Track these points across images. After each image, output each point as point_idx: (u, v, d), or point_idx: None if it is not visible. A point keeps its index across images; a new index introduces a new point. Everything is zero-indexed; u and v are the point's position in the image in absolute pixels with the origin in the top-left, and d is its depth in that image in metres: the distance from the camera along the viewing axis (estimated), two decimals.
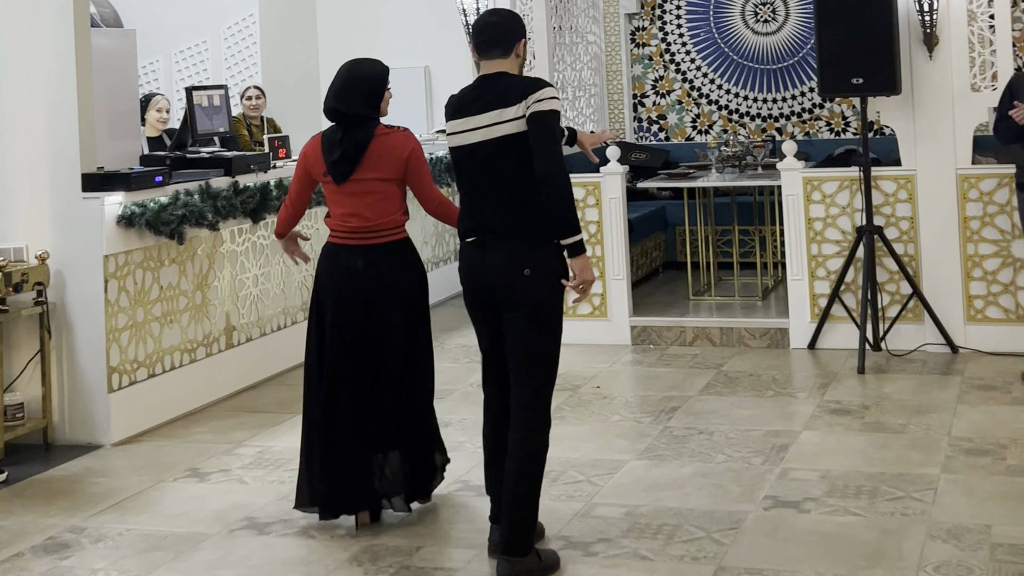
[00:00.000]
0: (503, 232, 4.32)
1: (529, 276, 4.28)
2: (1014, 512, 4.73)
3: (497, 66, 4.40)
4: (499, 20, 4.47)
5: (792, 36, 10.34)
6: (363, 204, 4.85)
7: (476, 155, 4.36)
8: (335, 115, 4.86)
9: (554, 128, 4.27)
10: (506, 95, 4.29)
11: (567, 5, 9.52)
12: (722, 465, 5.46)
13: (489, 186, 4.34)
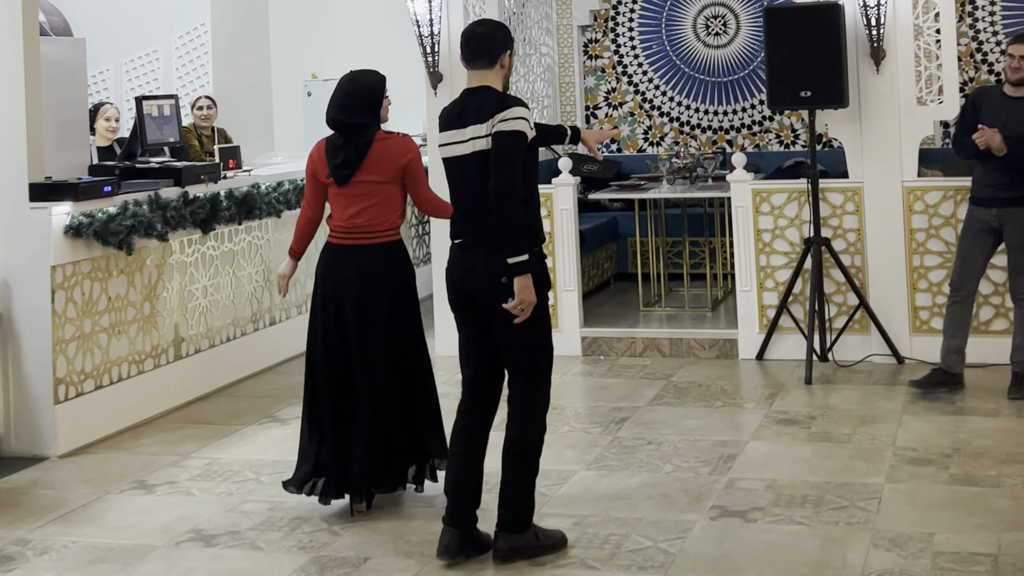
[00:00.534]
0: (486, 238, 4.47)
1: (507, 283, 4.41)
2: (956, 520, 4.80)
3: (481, 77, 4.57)
4: (485, 31, 4.62)
5: (743, 49, 10.43)
6: (363, 206, 5.09)
7: (459, 166, 4.56)
8: (337, 125, 5.12)
9: (511, 149, 4.39)
10: (481, 112, 4.45)
11: (520, 17, 9.56)
12: (670, 475, 5.49)
13: (471, 195, 4.52)
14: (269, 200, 7.73)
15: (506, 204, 4.36)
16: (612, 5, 10.74)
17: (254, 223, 7.74)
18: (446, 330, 7.50)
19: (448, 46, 8.15)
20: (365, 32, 11.11)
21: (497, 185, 4.36)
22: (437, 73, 8.14)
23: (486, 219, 4.45)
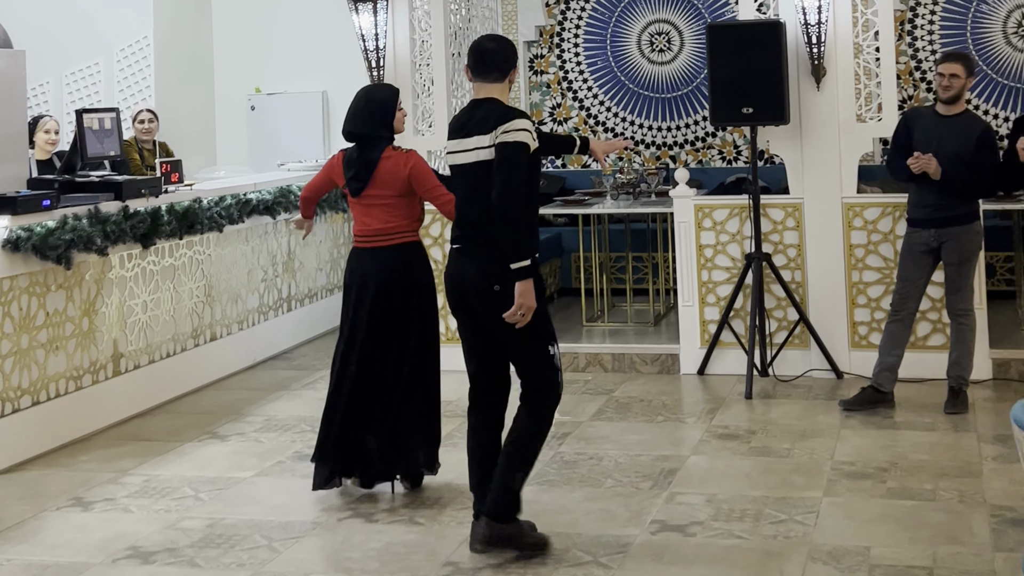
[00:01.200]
0: (481, 246, 4.66)
1: (499, 291, 4.58)
2: (892, 534, 4.85)
3: (489, 91, 4.74)
4: (497, 47, 4.80)
5: (686, 66, 10.51)
6: (375, 214, 5.46)
7: (462, 174, 4.76)
8: (351, 137, 5.52)
9: (513, 159, 4.56)
10: (485, 123, 4.63)
11: (466, 32, 9.56)
12: (611, 490, 5.51)
13: (472, 202, 4.70)
14: (211, 215, 7.69)
15: (508, 211, 4.53)
16: (558, 21, 10.79)
17: (195, 238, 7.69)
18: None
19: (393, 60, 8.14)
20: (310, 46, 11.07)
21: (499, 193, 4.53)
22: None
23: (484, 227, 4.63)
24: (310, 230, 6.12)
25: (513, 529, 4.73)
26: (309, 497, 5.53)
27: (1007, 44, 9.71)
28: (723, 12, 10.29)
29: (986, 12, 9.77)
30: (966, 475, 5.53)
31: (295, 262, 8.96)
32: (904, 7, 9.88)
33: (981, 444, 5.98)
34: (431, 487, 5.62)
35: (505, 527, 4.71)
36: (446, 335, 7.19)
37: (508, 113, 4.63)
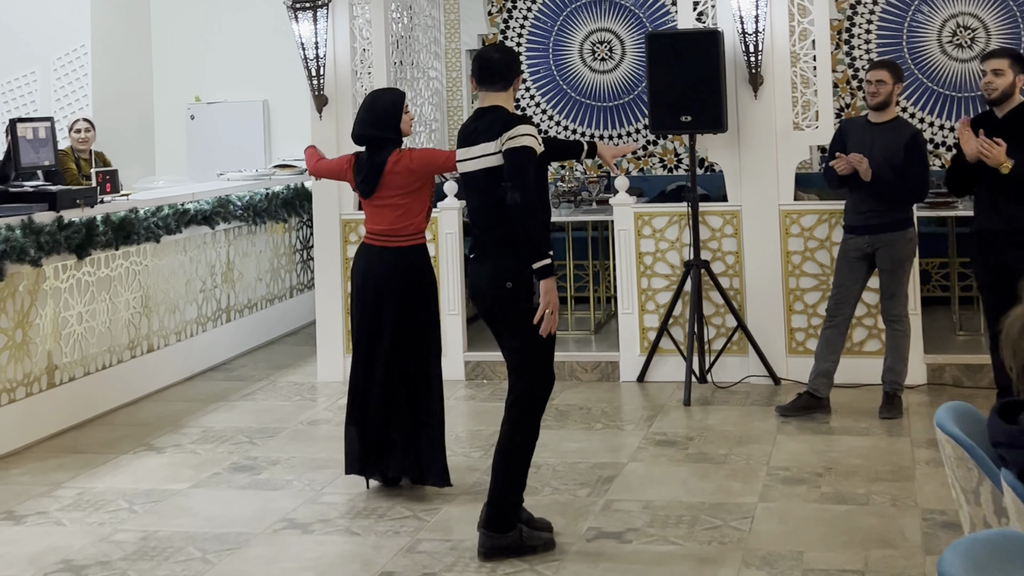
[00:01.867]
0: (491, 251, 4.83)
1: (511, 288, 4.72)
2: (826, 538, 4.88)
3: (494, 99, 4.87)
4: (502, 57, 4.94)
5: (628, 74, 10.55)
6: (385, 214, 5.59)
7: (471, 182, 4.90)
8: (359, 140, 5.67)
9: (521, 164, 4.69)
10: (490, 130, 4.76)
11: (408, 40, 9.55)
12: (548, 497, 5.51)
13: (480, 211, 4.88)
14: (148, 225, 7.62)
15: (524, 215, 4.65)
16: (500, 30, 10.80)
17: (132, 248, 7.61)
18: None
19: (334, 68, 8.11)
20: (250, 54, 11.02)
21: (513, 199, 4.65)
22: (322, 96, 8.10)
23: (492, 233, 4.80)
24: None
25: (513, 537, 4.81)
26: (245, 508, 5.49)
27: (942, 53, 9.83)
28: (664, 21, 10.34)
29: (921, 22, 9.88)
30: (899, 479, 5.58)
31: (234, 272, 8.90)
32: (841, 16, 9.98)
33: (914, 448, 6.03)
34: (367, 497, 5.59)
35: (504, 536, 4.80)
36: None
37: (511, 120, 4.77)
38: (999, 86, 6.11)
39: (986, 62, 6.19)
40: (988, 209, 6.18)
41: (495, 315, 4.87)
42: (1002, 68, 6.11)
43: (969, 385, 7.15)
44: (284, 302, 9.55)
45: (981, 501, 3.17)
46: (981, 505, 3.18)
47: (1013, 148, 5.98)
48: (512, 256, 4.74)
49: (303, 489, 5.75)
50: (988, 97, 6.18)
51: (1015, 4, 9.67)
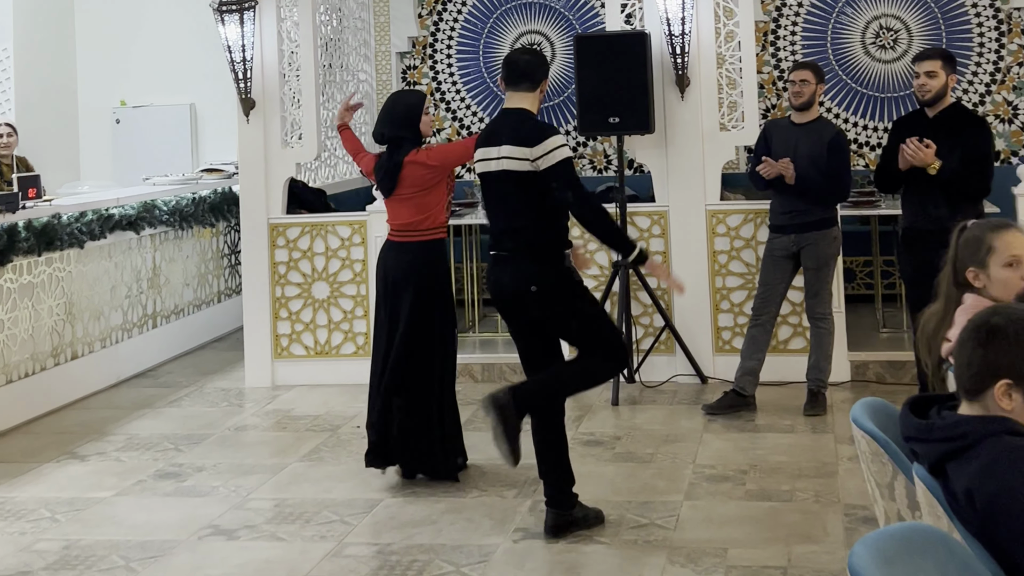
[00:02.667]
0: (510, 252, 4.95)
1: (535, 292, 4.87)
2: (749, 535, 4.92)
3: (520, 100, 5.01)
4: (531, 59, 5.09)
5: (558, 76, 10.57)
6: (404, 210, 5.75)
7: (492, 182, 5.00)
8: (380, 139, 5.82)
9: (570, 174, 4.86)
10: (521, 135, 4.86)
11: (338, 43, 9.52)
12: (476, 499, 5.51)
13: (502, 212, 5.00)
14: (71, 231, 7.52)
15: (595, 222, 4.91)
16: (431, 32, 10.79)
17: (55, 255, 7.50)
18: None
19: (261, 71, 8.05)
20: (177, 58, 10.91)
21: (578, 211, 4.87)
22: (250, 99, 8.04)
23: (515, 235, 4.91)
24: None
25: (577, 513, 5.01)
26: (169, 516, 5.44)
27: (865, 54, 9.95)
28: (593, 23, 10.38)
29: (845, 23, 10.00)
30: (822, 475, 5.64)
31: (160, 278, 8.79)
32: (766, 18, 10.07)
33: (838, 445, 6.10)
34: (294, 502, 5.56)
35: (570, 513, 5.00)
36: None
37: (544, 130, 4.89)
38: (933, 87, 6.17)
39: (919, 64, 6.25)
40: (915, 208, 6.24)
41: (523, 315, 4.96)
42: (935, 70, 6.17)
43: (892, 381, 7.24)
44: (212, 307, 9.46)
45: (895, 495, 3.21)
46: (895, 499, 3.22)
47: (942, 148, 6.05)
48: (535, 260, 4.90)
49: (229, 495, 5.71)
50: (922, 98, 6.23)
51: (936, 6, 9.82)
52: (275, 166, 8.04)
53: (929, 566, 2.45)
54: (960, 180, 6.03)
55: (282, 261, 7.94)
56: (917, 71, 6.25)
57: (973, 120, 6.26)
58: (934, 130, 6.13)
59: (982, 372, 2.67)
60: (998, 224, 3.73)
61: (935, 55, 6.27)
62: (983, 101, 9.76)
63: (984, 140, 6.18)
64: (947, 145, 6.05)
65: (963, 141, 6.07)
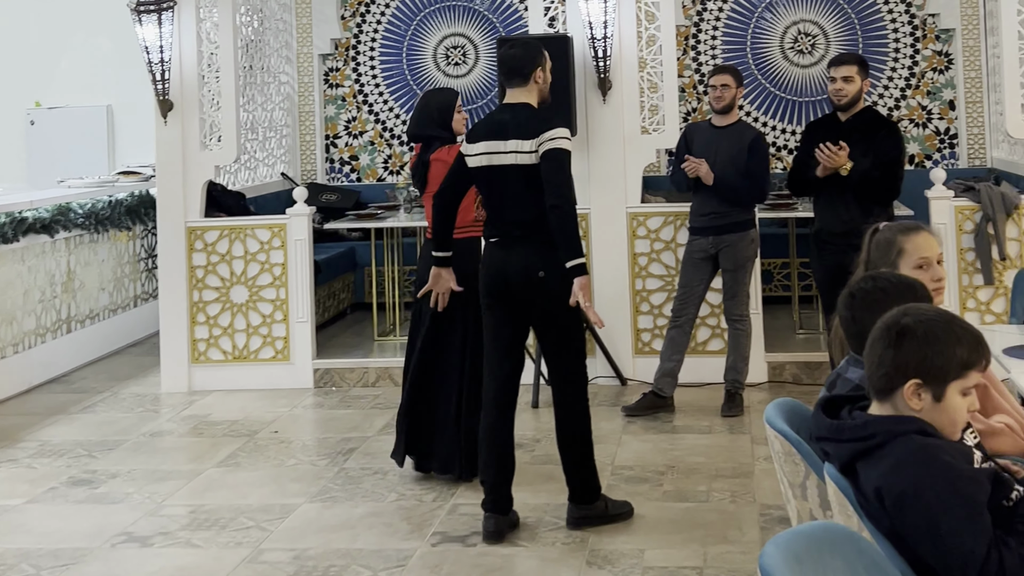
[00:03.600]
0: (519, 238, 4.96)
1: (543, 277, 4.91)
2: (667, 536, 4.94)
3: (518, 95, 5.05)
4: (517, 52, 5.09)
5: (482, 79, 10.57)
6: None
7: (498, 174, 4.98)
8: (413, 138, 5.91)
9: (565, 164, 4.91)
10: (524, 128, 4.92)
11: (259, 45, 9.43)
12: (394, 504, 5.48)
13: (509, 202, 4.98)
14: None
15: (563, 216, 4.84)
16: (353, 34, 10.72)
17: None
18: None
19: (180, 73, 7.94)
20: (94, 58, 10.75)
21: (553, 200, 4.83)
22: (168, 101, 7.93)
23: (520, 223, 4.94)
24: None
25: (600, 507, 5.07)
26: (82, 523, 5.35)
27: (784, 59, 10.06)
28: (517, 27, 10.38)
29: (765, 28, 10.10)
30: (739, 476, 5.68)
31: (75, 282, 8.63)
32: (687, 23, 10.14)
33: (754, 445, 6.15)
34: (209, 508, 5.49)
35: (592, 507, 5.05)
36: None
37: (550, 119, 4.96)
38: (849, 92, 6.25)
39: (835, 68, 6.32)
40: (827, 211, 6.32)
41: (523, 299, 4.98)
42: (851, 75, 6.25)
43: (808, 382, 7.31)
44: (128, 312, 9.30)
45: (807, 495, 3.24)
46: (808, 499, 3.25)
47: (854, 152, 6.13)
48: (542, 245, 4.93)
49: (143, 502, 5.62)
50: (837, 103, 6.31)
51: (853, 12, 9.95)
52: (193, 169, 7.93)
53: (839, 565, 2.47)
54: (871, 183, 6.12)
55: (200, 265, 7.84)
56: (833, 75, 6.32)
57: (885, 124, 6.36)
58: (847, 134, 6.21)
59: (892, 372, 2.70)
60: (909, 227, 3.78)
61: (851, 60, 6.35)
62: (898, 105, 9.91)
63: (895, 144, 6.28)
64: (859, 149, 6.14)
65: (875, 145, 6.17)
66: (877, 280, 3.23)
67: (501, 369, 5.10)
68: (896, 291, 3.18)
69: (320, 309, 8.69)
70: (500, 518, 5.00)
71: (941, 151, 9.91)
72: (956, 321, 2.69)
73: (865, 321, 3.17)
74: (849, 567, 2.44)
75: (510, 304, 5.04)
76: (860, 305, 3.20)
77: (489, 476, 5.06)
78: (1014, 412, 3.58)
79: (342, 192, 10.28)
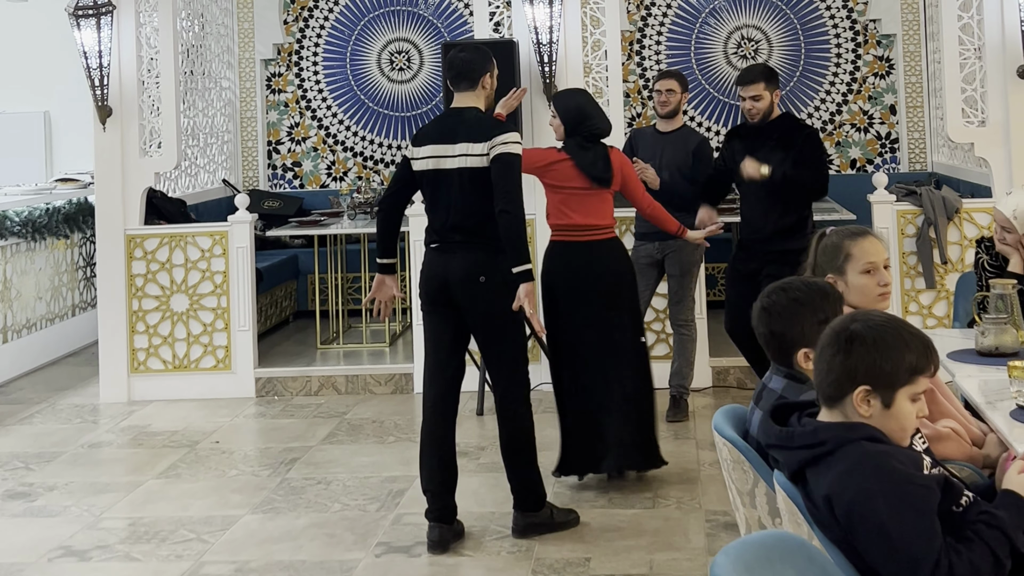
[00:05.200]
0: (461, 243, 4.91)
1: (484, 282, 4.86)
2: (612, 543, 4.92)
3: (466, 99, 5.02)
4: (466, 57, 5.05)
5: (426, 84, 10.51)
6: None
7: (443, 179, 4.93)
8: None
9: (516, 168, 4.89)
10: (474, 132, 4.88)
11: (200, 50, 9.31)
12: (337, 514, 5.40)
13: (451, 204, 4.92)
14: None
15: (513, 221, 4.79)
16: (296, 39, 10.63)
17: None
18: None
19: (119, 78, 7.80)
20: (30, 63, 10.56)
21: (502, 205, 4.79)
22: (106, 107, 7.79)
23: (462, 228, 4.90)
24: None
25: (544, 515, 5.03)
26: (18, 537, 5.24)
27: (727, 64, 10.10)
28: (462, 31, 10.34)
29: (708, 34, 10.13)
30: (684, 482, 5.65)
31: (11, 291, 8.44)
32: (632, 28, 10.15)
33: (699, 451, 6.13)
34: (149, 520, 5.38)
35: (537, 515, 5.01)
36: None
37: (500, 125, 4.95)
38: (760, 109, 6.29)
39: (743, 88, 6.32)
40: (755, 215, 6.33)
41: (464, 305, 4.92)
42: (759, 93, 6.27)
43: (752, 387, 7.29)
44: (65, 321, 9.13)
45: (756, 503, 3.21)
46: (756, 507, 3.22)
47: (775, 155, 6.15)
48: (484, 250, 4.90)
49: (81, 515, 5.51)
50: (751, 120, 6.33)
51: (796, 17, 10.01)
52: (132, 176, 7.80)
53: (790, 574, 2.44)
54: (794, 182, 6.13)
55: (139, 273, 7.71)
56: (742, 95, 6.33)
57: (802, 126, 6.42)
58: (765, 140, 6.23)
59: (841, 379, 2.68)
60: (855, 231, 3.78)
61: (757, 78, 6.30)
62: (840, 110, 9.97)
63: (813, 142, 6.30)
64: (780, 152, 6.16)
65: (794, 146, 6.18)
66: (788, 291, 3.26)
67: (443, 375, 5.04)
68: (809, 298, 3.21)
69: (262, 317, 8.58)
70: (444, 528, 4.95)
71: (882, 155, 9.98)
72: (905, 327, 2.67)
73: (785, 335, 3.20)
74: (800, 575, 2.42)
75: (450, 309, 4.98)
76: (776, 319, 3.22)
77: (432, 485, 5.00)
78: (959, 416, 3.58)
79: (284, 199, 10.18)
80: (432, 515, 4.97)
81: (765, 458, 3.10)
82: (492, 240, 4.90)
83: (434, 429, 5.03)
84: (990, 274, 4.77)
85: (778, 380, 3.24)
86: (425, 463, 5.03)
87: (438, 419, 5.04)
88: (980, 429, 3.56)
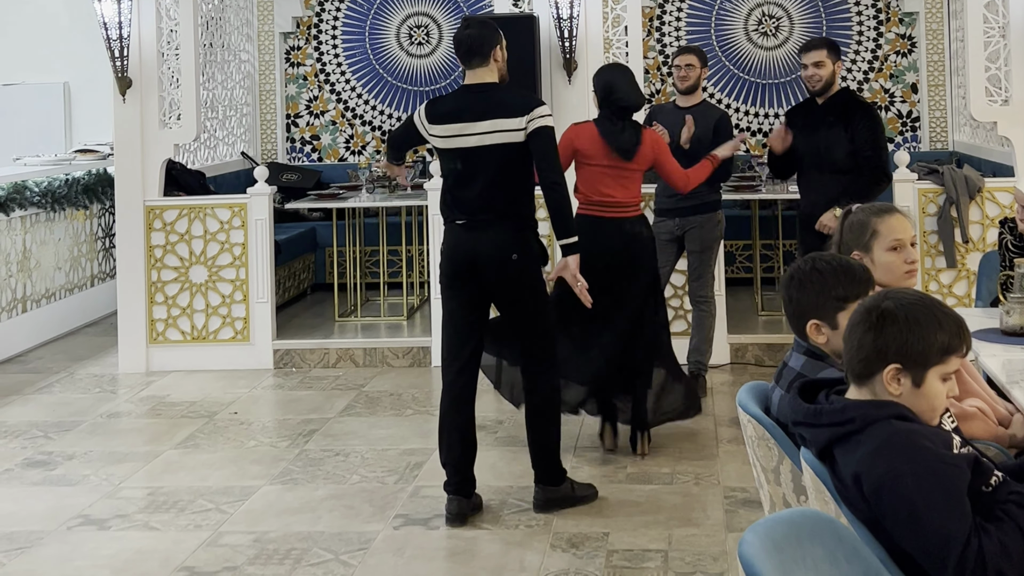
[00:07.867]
0: (491, 221, 4.88)
1: (517, 259, 4.87)
2: (631, 518, 4.92)
3: (481, 75, 4.95)
4: (473, 33, 4.97)
5: (445, 59, 10.48)
6: None
7: (471, 156, 4.87)
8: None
9: (554, 143, 4.91)
10: (504, 108, 4.83)
11: (219, 22, 9.29)
12: (356, 486, 5.41)
13: (478, 181, 4.86)
14: None
15: (559, 192, 4.84)
16: (315, 12, 10.60)
17: None
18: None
19: (139, 50, 7.79)
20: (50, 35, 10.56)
21: (550, 177, 4.83)
22: (126, 79, 7.78)
23: (494, 205, 4.87)
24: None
25: (565, 489, 5.02)
26: (38, 506, 5.25)
27: (748, 41, 10.05)
28: (481, 6, 10.30)
29: (729, 10, 10.08)
30: (703, 458, 5.65)
31: (31, 261, 8.47)
32: (653, 4, 10.10)
33: (718, 427, 6.12)
34: (168, 490, 5.40)
35: (558, 488, 5.01)
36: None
37: (533, 98, 4.97)
38: (822, 77, 6.24)
39: (805, 55, 6.30)
40: (811, 193, 6.30)
41: (493, 280, 4.91)
42: (821, 59, 6.24)
43: (770, 364, 7.29)
44: (85, 291, 9.15)
45: (781, 480, 3.20)
46: (781, 484, 3.21)
47: (832, 134, 6.13)
48: (515, 228, 4.90)
49: (100, 484, 5.53)
50: (812, 89, 6.29)
51: None
52: (152, 147, 7.80)
53: (818, 552, 2.43)
54: (854, 164, 6.10)
55: (158, 244, 7.72)
56: (804, 62, 6.30)
57: (861, 105, 6.35)
58: (824, 117, 6.20)
59: (871, 356, 2.66)
60: (882, 208, 3.76)
61: (821, 45, 6.32)
62: (861, 88, 9.92)
63: (873, 124, 6.24)
64: (838, 130, 6.13)
65: (853, 126, 6.15)
66: (816, 261, 3.24)
67: (462, 350, 5.04)
68: (832, 272, 3.18)
69: (280, 289, 8.59)
70: (463, 500, 4.96)
71: (904, 134, 9.94)
72: (938, 306, 2.65)
73: (801, 302, 3.19)
74: (828, 554, 2.41)
75: (476, 287, 4.97)
76: (796, 286, 3.21)
77: (451, 458, 5.00)
78: (985, 396, 3.56)
79: (303, 172, 10.17)
80: (451, 488, 4.97)
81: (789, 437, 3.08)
82: (523, 217, 4.92)
83: (453, 403, 5.04)
84: (1014, 254, 4.75)
85: (798, 358, 3.22)
86: (444, 436, 5.04)
87: (457, 393, 5.04)
88: (1007, 409, 3.54)
